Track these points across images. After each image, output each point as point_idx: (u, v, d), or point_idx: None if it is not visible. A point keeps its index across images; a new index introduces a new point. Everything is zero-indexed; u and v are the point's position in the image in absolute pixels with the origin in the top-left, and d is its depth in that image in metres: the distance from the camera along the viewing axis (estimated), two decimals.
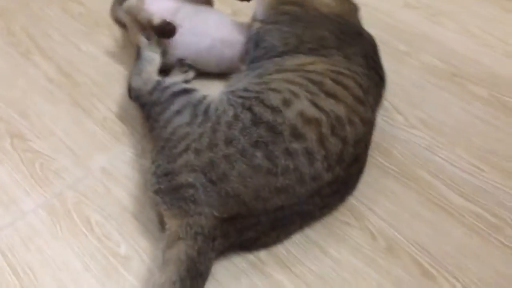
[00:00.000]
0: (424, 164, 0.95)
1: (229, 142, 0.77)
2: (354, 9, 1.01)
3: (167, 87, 0.91)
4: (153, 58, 1.01)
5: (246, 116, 0.78)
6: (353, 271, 0.81)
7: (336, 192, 0.82)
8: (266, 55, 0.93)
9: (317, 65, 0.86)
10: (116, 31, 1.21)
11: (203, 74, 1.07)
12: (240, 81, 0.89)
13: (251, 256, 0.83)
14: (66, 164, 0.96)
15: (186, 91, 0.89)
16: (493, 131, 1.00)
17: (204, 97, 0.87)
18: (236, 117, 0.79)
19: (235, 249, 0.82)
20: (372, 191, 0.91)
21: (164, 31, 1.00)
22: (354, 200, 0.89)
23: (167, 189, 0.79)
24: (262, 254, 0.83)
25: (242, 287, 0.80)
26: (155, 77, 0.97)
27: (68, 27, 1.24)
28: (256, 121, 0.78)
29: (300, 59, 0.88)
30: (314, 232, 0.85)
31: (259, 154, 0.75)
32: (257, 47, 0.96)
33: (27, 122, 1.03)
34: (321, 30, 0.91)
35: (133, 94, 0.96)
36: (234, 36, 1.04)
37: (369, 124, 0.85)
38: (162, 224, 0.82)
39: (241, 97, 0.83)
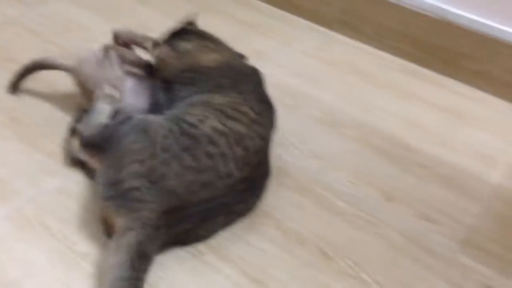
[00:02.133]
0: (317, 182, 1.23)
1: (165, 149, 0.99)
2: (234, 54, 1.28)
3: (111, 124, 1.09)
4: (104, 110, 1.14)
5: (175, 130, 1.02)
6: (273, 257, 1.04)
7: (247, 189, 1.06)
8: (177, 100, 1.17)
9: (218, 99, 1.12)
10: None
11: None
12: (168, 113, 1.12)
13: (191, 249, 1.03)
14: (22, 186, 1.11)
15: (127, 118, 1.07)
16: (363, 160, 1.32)
17: (143, 118, 1.07)
18: (170, 130, 1.02)
19: (176, 245, 1.02)
20: (280, 201, 1.16)
21: None
22: (268, 208, 1.14)
23: (115, 195, 0.97)
24: (200, 246, 1.04)
25: (184, 268, 0.99)
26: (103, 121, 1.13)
27: None
28: (183, 132, 1.01)
29: (205, 97, 1.13)
30: (239, 230, 1.08)
31: (187, 157, 0.99)
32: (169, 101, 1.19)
33: None
34: (215, 80, 1.18)
35: (86, 143, 1.10)
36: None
37: (265, 139, 1.11)
38: (108, 230, 1.00)
39: (171, 119, 1.06)
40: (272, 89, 1.38)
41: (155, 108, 1.19)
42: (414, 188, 1.26)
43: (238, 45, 1.71)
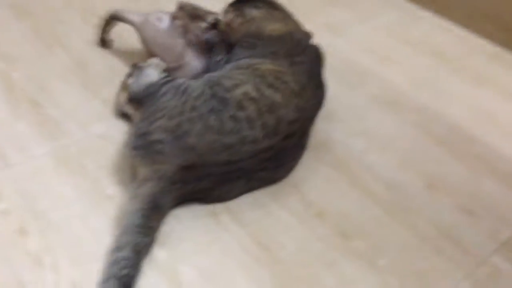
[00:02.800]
0: (358, 161, 1.18)
1: (193, 109, 1.01)
2: (300, 27, 1.26)
3: (157, 82, 1.14)
4: (151, 74, 1.19)
5: (207, 92, 1.04)
6: (288, 226, 1.03)
7: (272, 158, 1.05)
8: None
9: (264, 65, 1.11)
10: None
11: None
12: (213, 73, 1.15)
13: (209, 207, 1.05)
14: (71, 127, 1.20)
15: (170, 80, 1.13)
16: (416, 145, 1.24)
17: (184, 82, 1.10)
18: (202, 93, 1.04)
19: (195, 201, 1.04)
20: (314, 175, 1.14)
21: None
22: (298, 179, 1.13)
23: (142, 145, 1.02)
24: (218, 205, 1.05)
25: (197, 224, 1.02)
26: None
27: None
28: (214, 95, 1.03)
29: (254, 61, 1.13)
30: (262, 196, 1.08)
31: (212, 117, 1.00)
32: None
33: (43, 93, 1.27)
34: (273, 47, 1.17)
35: (131, 98, 1.17)
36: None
37: (303, 113, 1.09)
38: (134, 174, 1.05)
39: (208, 82, 1.08)
40: (338, 65, 1.35)
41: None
42: (463, 180, 1.17)
43: (314, 17, 1.69)
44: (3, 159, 1.11)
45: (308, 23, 1.27)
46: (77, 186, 1.07)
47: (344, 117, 1.30)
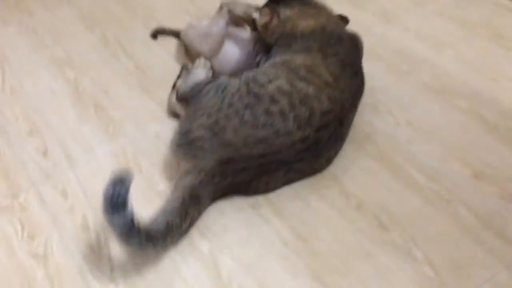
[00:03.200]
0: (401, 152, 1.19)
1: (230, 105, 1.08)
2: (333, 19, 1.29)
3: (201, 82, 1.22)
4: (199, 73, 1.30)
5: (243, 89, 1.10)
6: (326, 218, 1.07)
7: (308, 149, 1.09)
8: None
9: (297, 60, 1.16)
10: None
11: None
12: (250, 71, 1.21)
13: (251, 200, 1.11)
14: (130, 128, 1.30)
15: (213, 80, 1.21)
16: (464, 133, 1.23)
17: (224, 81, 1.17)
18: (238, 90, 1.11)
19: (236, 193, 1.11)
20: (355, 167, 1.16)
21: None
22: (338, 171, 1.16)
23: (185, 143, 1.10)
24: (259, 198, 1.11)
25: (238, 216, 1.08)
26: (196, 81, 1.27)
27: None
28: (249, 91, 1.09)
29: (287, 57, 1.18)
30: (302, 188, 1.12)
31: (247, 113, 1.06)
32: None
33: (107, 98, 1.39)
34: (306, 43, 1.21)
35: (179, 96, 1.26)
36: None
37: (338, 103, 1.11)
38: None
39: (245, 79, 1.14)
40: (389, 54, 1.35)
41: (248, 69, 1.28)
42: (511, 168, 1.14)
43: (370, 5, 1.69)
44: (69, 159, 1.23)
45: (364, 11, 1.28)
46: (133, 185, 1.17)
47: (391, 107, 1.31)
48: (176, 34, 1.54)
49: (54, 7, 1.78)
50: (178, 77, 1.32)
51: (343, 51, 1.21)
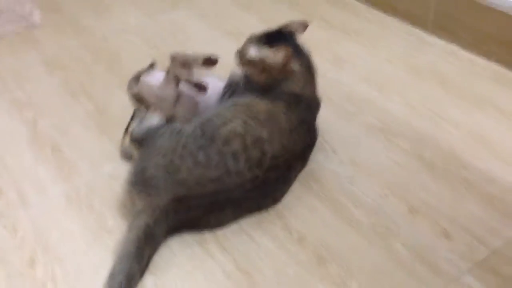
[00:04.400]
0: (343, 191, 1.25)
1: (184, 147, 1.13)
2: (314, 89, 1.33)
3: (155, 126, 1.25)
4: (152, 118, 1.30)
5: (198, 132, 1.15)
6: (268, 252, 1.11)
7: (257, 188, 1.14)
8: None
9: (262, 105, 1.21)
10: None
11: None
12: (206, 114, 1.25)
13: (197, 236, 1.15)
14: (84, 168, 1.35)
15: (167, 124, 1.25)
16: (404, 172, 1.29)
17: (177, 126, 1.21)
18: (193, 131, 1.16)
19: (186, 230, 1.14)
20: (298, 204, 1.22)
21: (210, 62, 1.35)
22: (283, 208, 1.20)
23: (140, 181, 1.14)
24: (206, 234, 1.15)
25: (185, 252, 1.12)
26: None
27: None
28: (203, 134, 1.14)
29: (254, 100, 1.23)
30: (247, 224, 1.17)
31: (200, 154, 1.11)
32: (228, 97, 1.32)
33: (65, 139, 1.44)
34: (282, 96, 1.24)
35: (133, 138, 1.29)
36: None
37: (288, 150, 1.17)
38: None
39: (200, 121, 1.19)
40: (340, 98, 1.43)
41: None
42: (447, 204, 1.20)
43: (324, 50, 1.78)
44: (23, 200, 1.26)
45: (318, 57, 1.34)
46: (83, 222, 1.20)
47: (336, 146, 1.37)
48: None
49: (19, 52, 1.84)
50: (131, 120, 1.37)
51: (305, 111, 1.27)
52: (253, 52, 1.26)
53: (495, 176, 1.26)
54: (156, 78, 1.39)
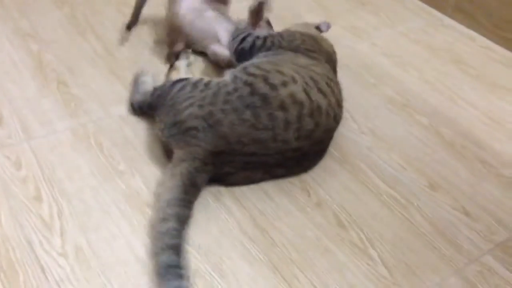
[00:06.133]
0: (363, 158, 1.22)
1: (226, 102, 1.05)
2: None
3: (164, 84, 1.18)
4: (147, 80, 1.28)
5: (244, 90, 1.06)
6: (287, 212, 1.07)
7: (296, 158, 1.09)
8: (280, 48, 1.24)
9: (318, 68, 1.16)
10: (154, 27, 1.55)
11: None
12: (254, 60, 1.18)
13: (213, 188, 1.10)
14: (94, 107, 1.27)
15: (183, 79, 1.16)
16: (423, 147, 1.27)
17: (202, 78, 1.14)
18: (235, 89, 1.07)
19: (216, 182, 1.09)
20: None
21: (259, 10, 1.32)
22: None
23: (177, 133, 1.07)
24: (221, 188, 1.10)
25: (199, 204, 1.07)
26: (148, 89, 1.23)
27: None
28: (253, 93, 1.05)
29: (307, 61, 1.18)
30: (265, 183, 1.12)
31: (248, 112, 1.04)
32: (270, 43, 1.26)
33: (72, 75, 1.36)
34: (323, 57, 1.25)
35: (137, 106, 1.22)
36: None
37: (337, 123, 1.14)
38: (167, 156, 1.11)
39: (248, 73, 1.10)
40: (357, 66, 1.39)
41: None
42: (466, 182, 1.18)
43: (342, 20, 1.74)
44: (26, 131, 1.19)
45: (334, 25, 1.31)
46: (92, 161, 1.13)
47: (355, 115, 1.33)
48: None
49: None
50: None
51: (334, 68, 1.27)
52: None
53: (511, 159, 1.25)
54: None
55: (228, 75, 1.14)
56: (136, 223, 1.02)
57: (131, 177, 1.11)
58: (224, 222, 1.04)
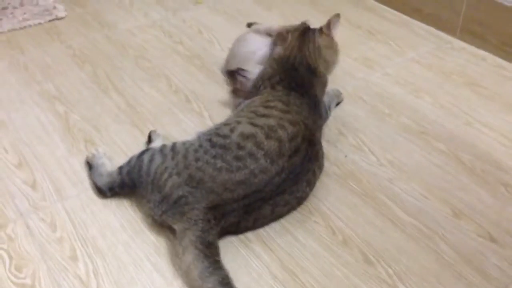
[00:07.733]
0: (384, 190, 1.24)
1: (197, 159, 1.11)
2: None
3: (129, 161, 1.21)
4: (104, 162, 1.28)
5: (206, 144, 1.14)
6: (314, 253, 1.10)
7: (286, 179, 1.13)
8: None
9: (256, 101, 1.28)
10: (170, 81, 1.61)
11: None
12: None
13: (241, 236, 1.13)
14: None
15: (146, 150, 1.21)
16: (443, 173, 1.28)
17: (164, 145, 1.19)
18: (200, 146, 1.15)
19: (231, 234, 1.13)
20: (340, 203, 1.20)
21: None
22: (325, 208, 1.19)
23: (168, 208, 1.10)
24: (250, 235, 1.14)
25: (229, 251, 1.10)
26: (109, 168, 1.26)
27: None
28: (213, 145, 1.13)
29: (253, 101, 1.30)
30: (290, 224, 1.16)
31: (218, 161, 1.10)
32: None
33: (98, 133, 1.42)
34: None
35: (106, 189, 1.22)
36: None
37: (298, 124, 1.18)
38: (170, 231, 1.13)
39: (208, 131, 1.21)
40: (372, 98, 1.41)
41: None
42: (490, 208, 1.19)
43: (351, 50, 1.78)
44: (59, 192, 1.24)
45: (348, 57, 1.35)
46: (122, 215, 1.18)
47: (373, 147, 1.36)
48: None
49: (45, 45, 1.82)
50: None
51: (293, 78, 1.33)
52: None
53: None
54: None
55: (194, 135, 1.21)
56: (168, 275, 1.06)
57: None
58: (254, 269, 1.07)
